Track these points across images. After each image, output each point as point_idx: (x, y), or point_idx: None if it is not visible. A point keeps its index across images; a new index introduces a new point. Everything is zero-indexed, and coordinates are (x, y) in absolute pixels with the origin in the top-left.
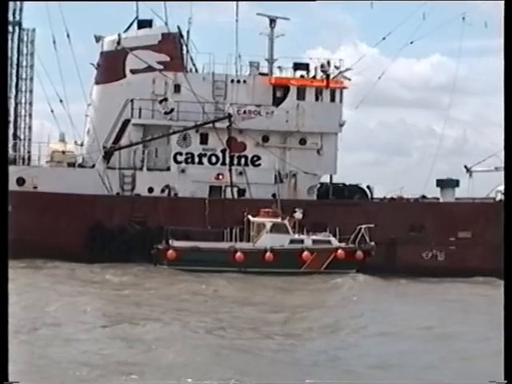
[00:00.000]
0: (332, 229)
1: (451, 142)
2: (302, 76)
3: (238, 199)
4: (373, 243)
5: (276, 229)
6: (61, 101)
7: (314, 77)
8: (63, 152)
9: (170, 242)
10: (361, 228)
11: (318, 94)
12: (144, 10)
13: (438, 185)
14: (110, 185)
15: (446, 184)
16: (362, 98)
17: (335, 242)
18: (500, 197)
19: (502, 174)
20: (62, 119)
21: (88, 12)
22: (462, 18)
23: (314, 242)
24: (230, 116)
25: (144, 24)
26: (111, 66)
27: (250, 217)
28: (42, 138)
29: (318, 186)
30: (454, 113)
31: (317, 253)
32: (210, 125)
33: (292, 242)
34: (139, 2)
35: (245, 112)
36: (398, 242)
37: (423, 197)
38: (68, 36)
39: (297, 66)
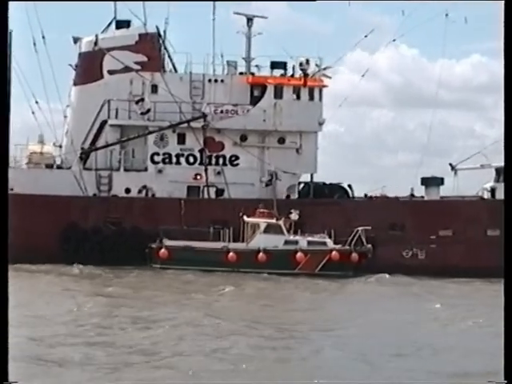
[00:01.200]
0: (310, 228)
1: (491, 142)
2: (282, 75)
3: (213, 199)
4: (369, 245)
5: (270, 229)
6: (36, 102)
7: (293, 75)
8: (41, 153)
9: (164, 241)
10: (357, 230)
11: (296, 92)
12: (122, 10)
13: (422, 183)
14: (86, 186)
15: (430, 182)
16: (344, 99)
17: (330, 244)
18: (487, 195)
19: (487, 171)
20: (44, 121)
21: (67, 13)
22: None
23: (309, 243)
24: (204, 116)
25: (122, 24)
26: (89, 67)
27: (244, 217)
28: (22, 140)
29: (302, 185)
30: (496, 113)
31: (311, 254)
32: (187, 125)
33: (286, 242)
34: (117, 3)
35: (222, 111)
36: (377, 241)
37: (412, 195)
38: (43, 37)
39: (274, 65)
